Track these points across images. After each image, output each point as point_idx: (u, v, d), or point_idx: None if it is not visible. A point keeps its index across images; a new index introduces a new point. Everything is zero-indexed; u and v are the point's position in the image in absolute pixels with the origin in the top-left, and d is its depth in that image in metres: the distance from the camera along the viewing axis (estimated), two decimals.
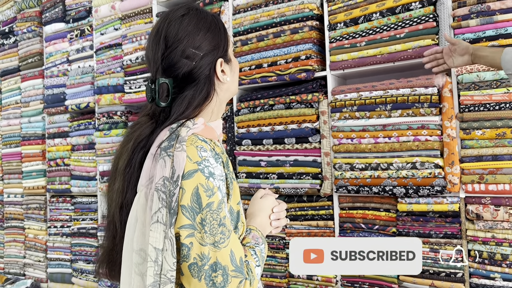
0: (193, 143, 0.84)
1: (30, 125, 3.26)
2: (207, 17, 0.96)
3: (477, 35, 1.65)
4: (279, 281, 2.13)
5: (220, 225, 0.80)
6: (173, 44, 0.90)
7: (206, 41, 0.93)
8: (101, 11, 2.80)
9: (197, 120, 0.90)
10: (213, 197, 0.81)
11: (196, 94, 0.91)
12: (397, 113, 1.80)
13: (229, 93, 0.99)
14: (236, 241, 0.83)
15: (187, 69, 0.90)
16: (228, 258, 0.80)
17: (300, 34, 2.04)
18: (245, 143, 2.21)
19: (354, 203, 1.95)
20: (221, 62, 0.94)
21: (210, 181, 0.82)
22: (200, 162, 0.82)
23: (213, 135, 0.93)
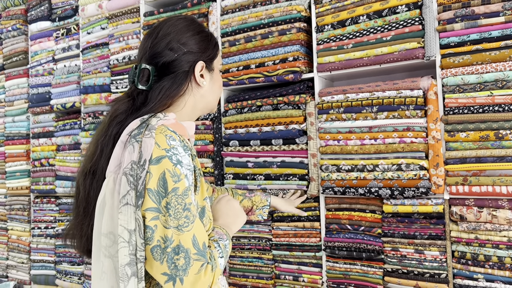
0: (162, 131, 0.88)
1: (14, 124, 3.21)
2: (202, 26, 1.06)
3: (462, 39, 1.68)
4: (265, 282, 2.12)
5: (184, 209, 0.84)
6: (162, 36, 0.99)
7: (193, 41, 1.01)
8: (88, 10, 2.77)
9: (169, 114, 0.95)
10: (179, 183, 0.84)
11: (172, 86, 0.97)
12: (383, 115, 1.82)
13: (205, 102, 1.05)
14: (200, 226, 0.86)
15: (168, 59, 0.98)
16: (190, 242, 0.82)
17: (287, 36, 2.05)
18: (233, 144, 2.20)
19: (340, 204, 1.96)
20: (202, 65, 1.01)
21: (178, 168, 0.85)
22: (168, 150, 0.86)
23: (183, 132, 0.97)
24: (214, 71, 1.06)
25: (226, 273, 2.25)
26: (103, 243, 0.85)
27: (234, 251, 2.21)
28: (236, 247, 2.21)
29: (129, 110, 0.97)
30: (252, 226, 2.17)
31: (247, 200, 1.46)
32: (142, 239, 0.82)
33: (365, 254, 1.86)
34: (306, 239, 2.02)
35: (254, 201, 1.46)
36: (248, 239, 2.18)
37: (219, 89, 1.09)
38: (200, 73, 1.02)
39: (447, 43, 1.71)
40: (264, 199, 1.48)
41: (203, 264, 0.83)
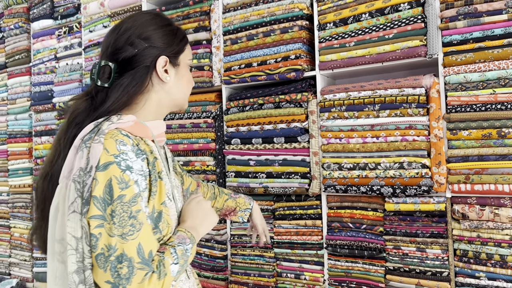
0: (113, 136, 0.85)
1: (16, 122, 3.22)
2: (167, 20, 1.01)
3: (464, 37, 1.67)
4: (267, 280, 2.13)
5: (130, 217, 0.81)
6: (123, 31, 0.96)
7: (156, 35, 0.96)
8: (90, 8, 2.78)
9: (126, 117, 0.91)
10: (127, 190, 0.82)
11: (132, 83, 0.93)
12: (385, 113, 1.82)
13: (171, 98, 1.01)
14: (147, 234, 0.84)
15: (129, 54, 0.94)
16: (135, 251, 0.80)
17: (290, 34, 2.04)
18: (234, 142, 2.20)
19: (342, 202, 1.96)
20: (165, 60, 0.97)
21: (126, 174, 0.83)
22: (117, 155, 0.83)
23: (145, 133, 0.94)
24: (180, 66, 1.01)
25: (227, 271, 2.25)
26: (56, 249, 0.85)
27: (236, 249, 2.22)
28: (238, 245, 2.21)
29: (87, 109, 0.94)
30: None
31: (231, 200, 1.45)
32: (89, 246, 0.81)
33: (366, 252, 1.86)
34: (308, 237, 2.02)
35: (238, 203, 1.45)
36: (249, 237, 2.18)
37: (187, 85, 1.04)
38: (164, 68, 0.98)
39: (450, 41, 1.70)
40: (247, 202, 1.46)
41: (147, 273, 0.81)
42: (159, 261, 0.85)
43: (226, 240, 2.25)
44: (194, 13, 2.33)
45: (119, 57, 0.94)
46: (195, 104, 2.34)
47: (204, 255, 2.30)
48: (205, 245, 2.30)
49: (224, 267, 2.25)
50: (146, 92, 0.97)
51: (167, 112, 1.05)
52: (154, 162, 0.93)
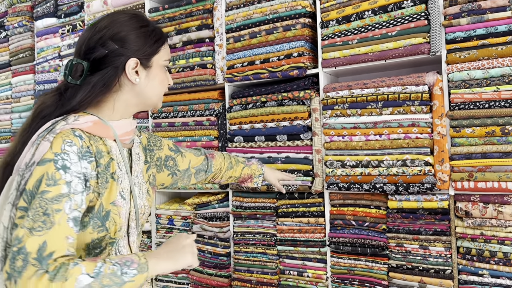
0: (63, 136, 0.87)
1: (21, 120, 3.23)
2: (143, 22, 1.02)
3: (468, 34, 1.66)
4: (270, 277, 2.13)
5: (44, 214, 0.81)
6: (97, 31, 0.97)
7: (129, 37, 0.97)
8: (93, 6, 2.78)
9: (84, 117, 0.94)
10: (53, 188, 0.83)
11: (100, 81, 0.95)
12: (388, 111, 1.81)
13: (142, 98, 1.02)
14: (57, 236, 0.81)
15: (99, 55, 0.95)
16: (36, 247, 0.79)
17: (292, 31, 2.04)
18: (237, 140, 2.21)
19: (345, 200, 1.96)
20: (136, 62, 0.98)
21: (59, 173, 0.84)
22: (58, 154, 0.85)
23: (105, 133, 0.96)
24: (152, 68, 1.02)
25: (230, 269, 2.26)
26: None
27: (239, 246, 2.22)
28: (240, 243, 2.22)
29: (54, 104, 0.96)
30: (257, 222, 2.18)
31: (247, 168, 1.56)
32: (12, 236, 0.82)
33: (369, 250, 1.87)
34: (311, 235, 2.02)
35: (252, 169, 1.58)
36: (252, 235, 2.18)
37: (159, 86, 1.04)
38: (135, 69, 0.98)
39: (453, 38, 1.69)
40: (259, 168, 1.60)
41: (38, 271, 0.78)
42: (61, 264, 0.80)
43: (229, 238, 2.26)
44: (197, 11, 2.33)
45: (90, 56, 0.96)
46: (198, 102, 2.35)
47: (207, 252, 2.31)
48: (208, 242, 2.31)
49: (227, 264, 2.26)
50: (114, 92, 0.99)
51: (136, 111, 1.06)
52: (109, 163, 0.95)
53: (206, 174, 1.44)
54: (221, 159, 1.48)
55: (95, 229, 0.91)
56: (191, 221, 2.39)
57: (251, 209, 2.18)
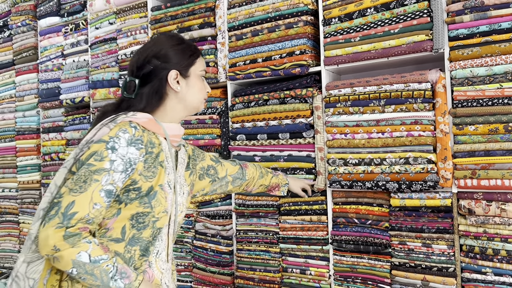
0: (121, 125, 1.07)
1: (24, 119, 3.25)
2: (179, 40, 1.24)
3: (471, 31, 1.65)
4: (273, 275, 2.13)
5: (84, 182, 1.00)
6: (143, 52, 1.20)
7: (169, 53, 1.19)
8: (96, 5, 2.79)
9: (140, 114, 1.13)
10: (98, 162, 1.01)
11: (150, 92, 1.17)
12: (391, 109, 1.81)
13: (185, 104, 1.22)
14: (85, 201, 0.99)
15: (147, 71, 1.18)
16: (66, 204, 0.98)
17: (294, 29, 2.04)
18: (240, 138, 2.21)
19: (348, 198, 1.96)
20: (176, 73, 1.19)
21: (106, 151, 1.03)
22: (112, 137, 1.04)
23: (157, 130, 1.15)
24: (190, 77, 1.22)
25: (233, 266, 2.27)
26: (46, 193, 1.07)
27: (241, 244, 2.23)
28: (243, 240, 2.22)
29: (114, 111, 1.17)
30: (260, 220, 2.18)
31: (275, 177, 1.75)
32: None
33: (372, 248, 1.86)
34: (313, 233, 2.02)
35: (279, 179, 1.76)
36: (255, 233, 2.18)
37: (198, 92, 1.24)
38: (176, 80, 1.19)
39: (456, 35, 1.69)
40: (285, 179, 1.78)
41: (59, 224, 0.95)
42: (79, 233, 0.97)
43: (232, 236, 2.27)
44: (199, 9, 2.33)
45: (140, 73, 1.18)
46: None
47: (210, 250, 2.31)
48: (211, 240, 2.31)
49: (230, 262, 2.27)
50: (162, 100, 1.19)
51: (184, 115, 1.25)
52: (158, 153, 1.12)
53: (241, 181, 1.61)
54: (253, 169, 1.66)
55: (141, 204, 1.08)
56: (194, 219, 2.40)
57: (253, 207, 2.18)
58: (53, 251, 0.96)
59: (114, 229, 1.07)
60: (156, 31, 2.49)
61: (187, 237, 2.41)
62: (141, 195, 1.08)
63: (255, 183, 1.66)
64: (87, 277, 0.97)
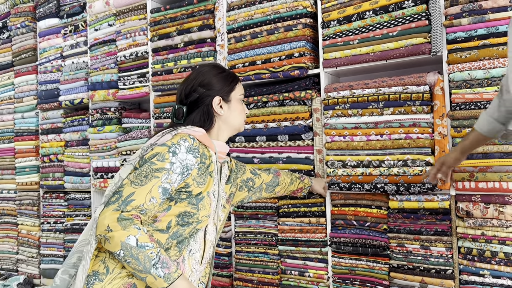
0: (181, 135, 1.21)
1: (23, 120, 3.25)
2: (220, 69, 1.38)
3: (469, 34, 1.66)
4: (271, 277, 2.14)
5: (145, 177, 1.13)
6: (190, 82, 1.34)
7: (212, 81, 1.33)
8: (95, 6, 2.79)
9: (197, 128, 1.26)
10: (160, 162, 1.14)
11: (198, 117, 1.31)
12: (389, 111, 1.81)
13: (228, 125, 1.37)
14: (144, 194, 1.11)
15: (194, 98, 1.32)
16: (127, 193, 1.11)
17: (293, 32, 2.05)
18: (239, 139, 2.21)
19: (346, 200, 1.96)
20: (219, 99, 1.33)
21: (168, 154, 1.16)
22: (173, 143, 1.18)
23: (209, 144, 1.28)
24: (231, 102, 1.36)
25: (232, 268, 2.27)
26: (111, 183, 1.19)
27: (240, 246, 2.23)
28: (242, 242, 2.22)
29: None
30: (258, 222, 2.18)
31: (301, 182, 1.85)
32: None
33: (370, 250, 1.87)
34: (312, 235, 2.02)
35: (304, 183, 1.86)
36: (254, 235, 2.19)
37: (239, 115, 1.38)
38: (219, 105, 1.32)
39: (454, 38, 1.69)
40: (309, 181, 1.88)
41: (117, 208, 1.08)
42: (132, 218, 1.08)
43: (230, 238, 2.27)
44: (198, 12, 2.34)
45: (187, 101, 1.32)
46: None
47: None
48: None
49: (229, 264, 2.27)
50: (210, 122, 1.32)
51: (228, 134, 1.39)
52: (209, 164, 1.26)
53: (273, 188, 1.71)
54: (285, 176, 1.76)
55: (189, 204, 1.20)
56: None
57: (252, 209, 2.19)
58: (106, 231, 1.06)
59: (161, 221, 1.18)
60: (156, 33, 2.49)
61: None
62: (191, 197, 1.20)
63: (285, 189, 1.77)
64: (132, 260, 1.06)
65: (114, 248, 1.07)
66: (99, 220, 1.09)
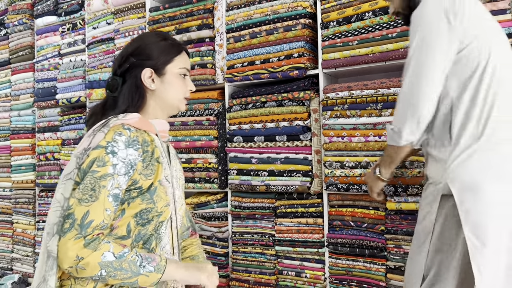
0: (115, 129, 1.08)
1: (20, 118, 3.23)
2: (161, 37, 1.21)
3: None
4: (268, 277, 2.13)
5: (93, 190, 1.01)
6: (123, 50, 1.20)
7: (146, 51, 1.17)
8: (93, 5, 2.78)
9: (130, 115, 1.12)
10: (101, 168, 1.02)
11: (128, 91, 1.16)
12: (388, 112, 1.82)
13: (163, 102, 1.20)
14: (99, 209, 1.01)
15: (124, 69, 1.17)
16: (81, 215, 0.99)
17: (293, 32, 2.05)
18: (237, 140, 2.21)
19: (344, 201, 1.96)
20: (151, 71, 1.17)
21: (107, 156, 1.03)
22: (109, 142, 1.05)
23: (148, 127, 1.15)
24: (166, 75, 1.18)
25: (229, 268, 2.26)
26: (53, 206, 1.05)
27: (237, 246, 2.22)
28: (239, 243, 2.22)
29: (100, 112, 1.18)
30: (256, 222, 2.18)
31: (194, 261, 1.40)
32: None
33: (368, 251, 1.87)
34: (309, 235, 2.02)
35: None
36: (251, 235, 2.18)
37: (176, 91, 1.20)
38: (151, 78, 1.16)
39: None
40: None
41: (77, 235, 0.97)
42: (97, 236, 0.99)
43: (227, 238, 2.26)
44: (197, 11, 2.34)
45: (119, 71, 1.18)
46: (198, 101, 2.35)
47: (205, 252, 2.30)
48: (206, 242, 2.31)
49: (225, 264, 2.26)
50: (143, 99, 1.18)
51: (166, 113, 1.23)
52: (153, 150, 1.13)
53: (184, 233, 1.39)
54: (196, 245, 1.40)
55: (144, 200, 1.08)
56: None
57: (249, 209, 2.18)
58: (76, 262, 0.97)
59: (119, 227, 1.08)
60: None
61: None
62: (142, 192, 1.09)
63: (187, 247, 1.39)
64: (117, 273, 1.00)
65: (92, 272, 0.98)
66: (60, 254, 0.97)
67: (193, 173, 2.34)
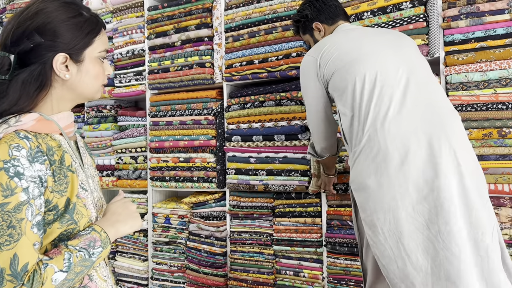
0: (8, 141, 0.82)
1: None
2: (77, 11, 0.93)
3: (466, 36, 1.67)
4: (266, 277, 2.13)
5: (9, 227, 0.79)
6: (24, 21, 0.89)
7: (57, 30, 0.90)
8: (92, 3, 2.77)
9: (26, 116, 0.87)
10: (11, 198, 0.80)
11: (29, 79, 0.88)
12: None
13: (76, 93, 0.96)
14: (26, 245, 0.80)
15: (24, 48, 0.88)
16: (8, 262, 0.78)
17: (291, 31, 2.04)
18: (235, 139, 2.21)
19: (342, 200, 1.96)
20: (65, 57, 0.91)
21: (13, 181, 0.80)
22: (7, 161, 0.80)
23: (51, 129, 0.92)
24: (84, 62, 0.94)
25: (227, 268, 2.26)
26: None
27: (235, 245, 2.22)
28: (237, 242, 2.22)
29: None
30: (254, 221, 2.18)
31: None
32: None
33: None
34: (307, 235, 2.02)
35: None
36: (249, 234, 2.18)
37: (93, 80, 0.97)
38: (64, 64, 0.91)
39: (451, 40, 1.70)
40: None
41: (16, 287, 0.78)
42: (33, 271, 0.80)
43: (225, 237, 2.26)
44: (196, 10, 2.33)
45: (15, 49, 0.88)
46: (196, 101, 2.35)
47: (203, 251, 2.30)
48: (204, 241, 2.31)
49: (224, 263, 2.26)
50: (44, 89, 0.91)
51: (75, 104, 1.00)
52: (62, 157, 0.91)
53: None
54: None
55: (63, 223, 0.88)
56: (187, 220, 2.39)
57: (248, 208, 2.18)
58: None
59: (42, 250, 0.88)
60: (153, 31, 2.48)
61: (181, 238, 2.40)
62: (60, 213, 0.88)
63: None
64: (77, 278, 0.87)
65: None
66: None
67: (191, 172, 2.33)
